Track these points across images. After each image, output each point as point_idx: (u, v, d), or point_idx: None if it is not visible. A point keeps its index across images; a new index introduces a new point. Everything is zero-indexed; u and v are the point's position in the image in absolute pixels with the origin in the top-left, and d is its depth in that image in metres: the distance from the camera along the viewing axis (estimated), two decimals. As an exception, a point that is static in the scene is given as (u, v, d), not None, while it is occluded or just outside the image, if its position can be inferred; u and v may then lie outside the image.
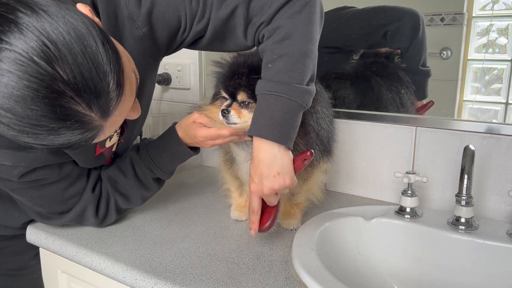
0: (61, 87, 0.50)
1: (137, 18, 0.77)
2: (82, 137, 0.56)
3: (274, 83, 0.75)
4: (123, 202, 0.91)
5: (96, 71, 0.53)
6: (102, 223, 0.91)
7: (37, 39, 0.49)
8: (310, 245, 0.80)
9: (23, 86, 0.49)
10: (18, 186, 0.79)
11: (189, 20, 0.80)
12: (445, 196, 1.00)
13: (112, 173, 0.91)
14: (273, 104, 0.75)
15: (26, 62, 0.48)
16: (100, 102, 0.54)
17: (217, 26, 0.81)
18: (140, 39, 0.79)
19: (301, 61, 0.76)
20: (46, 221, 0.90)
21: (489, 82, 0.97)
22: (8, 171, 0.74)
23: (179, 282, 0.72)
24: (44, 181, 0.80)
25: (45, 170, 0.78)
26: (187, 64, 1.40)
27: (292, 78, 0.75)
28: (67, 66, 0.50)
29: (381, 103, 1.10)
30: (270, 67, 0.76)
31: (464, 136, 0.96)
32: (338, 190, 1.15)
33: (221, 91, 0.85)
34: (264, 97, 0.76)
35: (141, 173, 0.91)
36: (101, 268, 0.80)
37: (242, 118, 0.82)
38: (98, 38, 0.54)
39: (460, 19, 0.98)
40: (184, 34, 0.83)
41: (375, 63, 1.11)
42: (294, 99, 0.75)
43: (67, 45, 0.51)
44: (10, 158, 0.73)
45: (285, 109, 0.75)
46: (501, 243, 0.82)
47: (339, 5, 1.12)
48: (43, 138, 0.53)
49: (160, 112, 1.49)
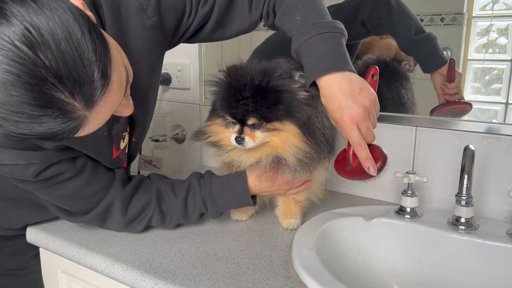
0: (43, 73, 0.49)
1: (147, 8, 0.78)
2: (64, 126, 0.54)
3: (309, 27, 0.77)
4: (157, 220, 0.88)
5: (80, 59, 0.52)
6: (128, 226, 0.87)
7: (20, 24, 0.48)
8: (310, 245, 0.80)
9: (4, 71, 0.48)
10: (37, 185, 0.77)
11: (194, 3, 0.82)
12: (445, 196, 1.00)
13: (163, 188, 0.88)
14: (320, 43, 0.76)
15: (7, 46, 0.48)
16: (83, 90, 0.53)
17: (222, 7, 0.83)
18: (151, 29, 0.80)
19: (320, 2, 0.81)
20: (73, 219, 0.88)
21: (489, 82, 0.97)
22: (23, 171, 0.73)
23: (179, 282, 0.72)
24: (61, 177, 0.78)
25: (60, 166, 0.77)
26: (187, 64, 1.40)
27: (321, 17, 0.78)
28: (50, 52, 0.49)
29: (382, 103, 1.10)
30: (298, 19, 0.79)
31: (464, 136, 0.96)
32: (338, 190, 1.15)
33: (226, 116, 0.81)
34: (308, 44, 0.76)
35: (192, 201, 0.88)
36: (101, 268, 0.80)
37: (256, 141, 0.80)
38: (85, 26, 0.53)
39: (460, 19, 0.98)
40: (189, 19, 0.84)
41: (379, 63, 1.11)
42: (335, 30, 0.77)
43: (50, 31, 0.50)
44: (23, 157, 0.72)
45: (333, 40, 0.76)
46: (501, 243, 0.82)
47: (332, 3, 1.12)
48: (24, 126, 0.52)
49: (160, 112, 1.49)
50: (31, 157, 0.72)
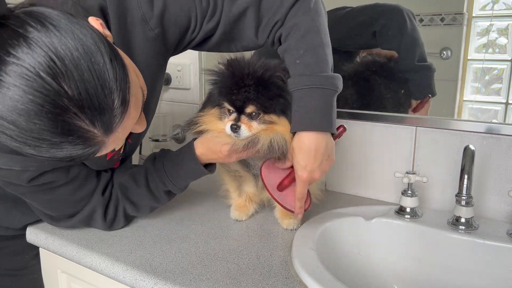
0: (66, 103, 0.51)
1: (150, 20, 0.78)
2: (83, 152, 0.56)
3: (307, 77, 0.78)
4: (132, 210, 0.90)
5: (101, 88, 0.53)
6: (111, 227, 0.90)
7: (45, 55, 0.49)
8: (310, 245, 0.80)
9: (28, 100, 0.49)
10: (27, 190, 0.79)
11: (199, 19, 0.81)
12: (445, 196, 1.00)
13: (124, 180, 0.90)
14: (313, 96, 0.78)
15: (32, 77, 0.49)
16: (103, 118, 0.54)
17: (227, 26, 0.82)
18: (152, 40, 0.80)
19: (324, 51, 0.80)
20: (56, 223, 0.90)
21: (489, 82, 0.97)
22: (17, 176, 0.74)
23: (179, 282, 0.72)
24: (53, 184, 0.80)
25: (54, 174, 0.78)
26: (187, 64, 1.40)
27: (321, 69, 0.79)
28: (73, 83, 0.51)
29: (381, 103, 1.10)
30: (298, 63, 0.79)
31: (464, 136, 0.96)
32: (338, 190, 1.15)
33: (225, 104, 0.81)
34: (300, 92, 0.78)
35: (153, 184, 0.89)
36: (101, 268, 0.80)
37: (252, 131, 0.80)
38: (106, 54, 0.54)
39: (460, 19, 0.98)
40: (193, 33, 0.83)
41: (375, 63, 1.11)
42: (328, 87, 0.78)
43: (74, 61, 0.51)
44: (19, 163, 0.73)
45: (323, 98, 0.78)
46: (501, 243, 0.82)
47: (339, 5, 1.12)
48: (45, 151, 0.54)
49: (160, 112, 1.49)
50: (27, 163, 0.73)
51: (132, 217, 0.95)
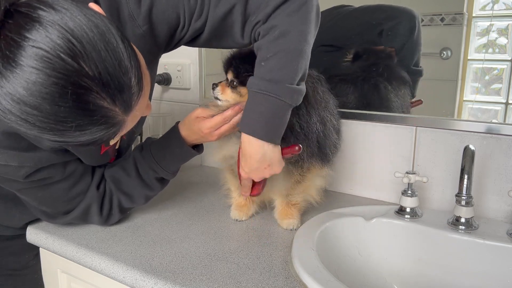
0: (88, 83, 0.51)
1: (138, 17, 0.78)
2: (106, 132, 0.57)
3: (265, 82, 0.75)
4: (127, 202, 0.91)
5: (119, 67, 0.54)
6: (107, 221, 0.91)
7: (63, 36, 0.50)
8: (310, 245, 0.80)
9: (51, 83, 0.50)
10: (24, 186, 0.79)
11: (187, 17, 0.81)
12: (445, 196, 1.00)
13: (115, 173, 0.91)
14: (262, 103, 0.76)
15: (53, 59, 0.49)
16: (123, 96, 0.56)
17: (215, 24, 0.81)
18: (141, 37, 0.79)
19: (294, 59, 0.76)
20: (52, 220, 0.90)
21: (489, 82, 0.97)
22: (14, 172, 0.75)
23: (179, 282, 0.72)
24: (49, 180, 0.80)
25: (50, 170, 0.79)
26: (187, 64, 1.40)
27: (283, 77, 0.75)
28: (92, 63, 0.51)
29: (381, 103, 1.10)
30: (263, 65, 0.77)
31: (464, 136, 0.96)
32: (338, 190, 1.15)
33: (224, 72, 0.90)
34: (255, 95, 0.77)
35: (144, 173, 0.90)
36: (101, 268, 0.80)
37: (224, 96, 0.87)
38: (118, 35, 0.55)
39: (460, 19, 0.98)
40: (182, 31, 0.83)
41: (375, 63, 1.11)
42: (283, 99, 0.75)
43: (91, 42, 0.52)
44: (16, 159, 0.73)
45: (275, 108, 0.76)
46: (501, 243, 0.82)
47: (336, 3, 1.12)
48: (68, 134, 0.54)
49: (160, 112, 1.49)
50: (24, 159, 0.74)
51: (128, 210, 0.95)
